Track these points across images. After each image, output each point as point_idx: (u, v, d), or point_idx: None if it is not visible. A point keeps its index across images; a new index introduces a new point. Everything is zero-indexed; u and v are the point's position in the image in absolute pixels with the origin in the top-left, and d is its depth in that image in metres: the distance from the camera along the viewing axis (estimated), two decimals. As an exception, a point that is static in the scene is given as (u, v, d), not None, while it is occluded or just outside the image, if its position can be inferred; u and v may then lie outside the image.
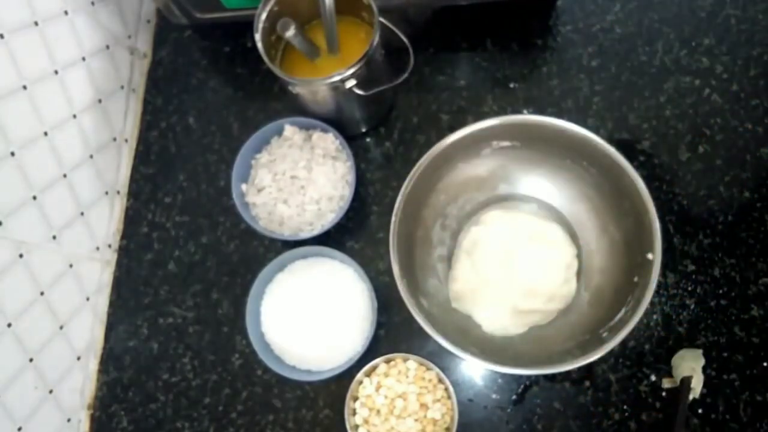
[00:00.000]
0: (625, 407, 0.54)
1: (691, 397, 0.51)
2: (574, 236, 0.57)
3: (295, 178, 0.58)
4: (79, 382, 0.61)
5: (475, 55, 0.65)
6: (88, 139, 0.62)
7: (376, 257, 0.61)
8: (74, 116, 0.59)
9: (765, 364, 0.53)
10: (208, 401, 0.60)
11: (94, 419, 0.61)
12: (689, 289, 0.56)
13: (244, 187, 0.60)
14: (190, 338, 0.62)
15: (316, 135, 0.60)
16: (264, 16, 0.53)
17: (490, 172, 0.58)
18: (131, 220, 0.66)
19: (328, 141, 0.60)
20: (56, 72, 0.57)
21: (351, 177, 0.58)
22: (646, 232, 0.49)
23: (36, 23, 0.54)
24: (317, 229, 0.58)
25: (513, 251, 0.55)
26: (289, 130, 0.61)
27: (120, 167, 0.67)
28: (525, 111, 0.62)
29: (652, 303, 0.53)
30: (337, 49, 0.56)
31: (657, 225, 0.48)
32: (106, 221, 0.65)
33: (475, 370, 0.57)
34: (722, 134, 0.59)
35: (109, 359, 0.62)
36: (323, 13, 0.53)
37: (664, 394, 0.54)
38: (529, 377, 0.56)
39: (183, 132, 0.68)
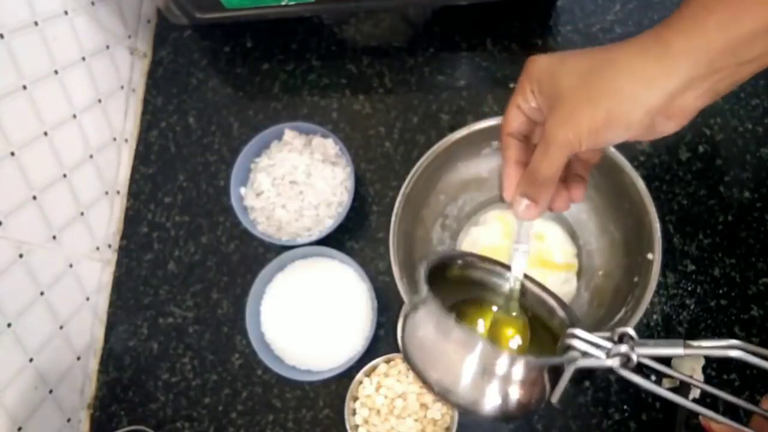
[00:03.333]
0: (625, 407, 0.54)
1: (691, 397, 0.51)
2: (574, 236, 0.57)
3: (294, 182, 0.58)
4: (79, 382, 0.61)
5: (475, 55, 0.65)
6: (88, 139, 0.62)
7: (376, 257, 0.61)
8: (74, 116, 0.59)
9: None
10: (208, 401, 0.60)
11: (94, 419, 0.61)
12: (689, 289, 0.56)
13: (242, 190, 0.60)
14: (190, 338, 0.62)
15: (316, 140, 0.60)
16: None
17: (490, 172, 0.58)
18: (131, 220, 0.66)
19: (328, 146, 0.60)
20: (56, 72, 0.57)
21: (350, 183, 0.58)
22: (646, 232, 0.49)
23: (36, 23, 0.54)
24: (315, 235, 0.58)
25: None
26: (289, 134, 0.61)
27: (120, 167, 0.67)
28: (525, 111, 0.62)
29: (652, 303, 0.53)
30: None
31: (657, 225, 0.48)
32: (106, 221, 0.65)
33: (475, 370, 0.57)
34: (722, 134, 0.59)
35: (109, 359, 0.62)
36: None
37: (664, 394, 0.54)
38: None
39: (183, 132, 0.68)
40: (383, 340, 0.58)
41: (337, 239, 0.61)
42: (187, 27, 0.71)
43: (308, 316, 0.55)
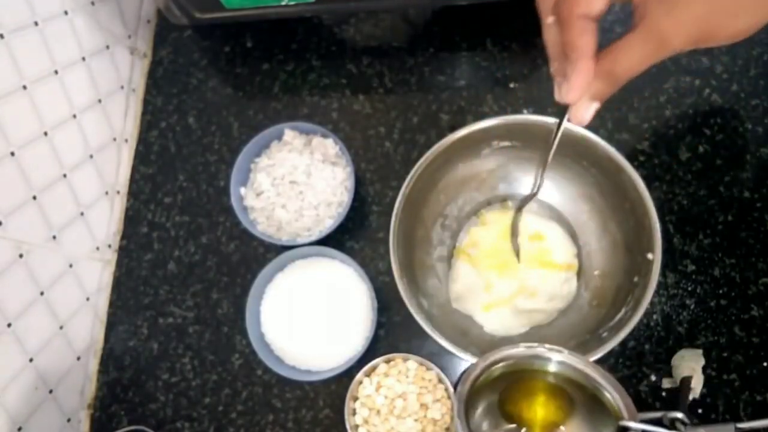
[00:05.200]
0: (625, 407, 0.54)
1: (691, 397, 0.51)
2: (574, 236, 0.57)
3: (294, 183, 0.58)
4: (79, 382, 0.61)
5: (475, 55, 0.65)
6: (88, 139, 0.62)
7: (376, 257, 0.61)
8: (74, 116, 0.59)
9: (765, 364, 0.53)
10: (208, 401, 0.60)
11: (94, 419, 0.61)
12: (689, 289, 0.56)
13: (242, 190, 0.60)
14: (190, 338, 0.62)
15: (316, 140, 0.60)
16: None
17: (490, 172, 0.58)
18: (131, 220, 0.66)
19: (328, 146, 0.60)
20: (56, 72, 0.57)
21: (350, 183, 0.58)
22: (646, 232, 0.49)
23: (36, 23, 0.54)
24: (315, 235, 0.58)
25: (513, 251, 0.55)
26: (289, 134, 0.61)
27: (120, 167, 0.67)
28: (525, 111, 0.62)
29: (652, 303, 0.53)
30: None
31: (657, 225, 0.48)
32: (106, 221, 0.65)
33: (475, 370, 0.57)
34: (722, 134, 0.59)
35: (109, 359, 0.62)
36: None
37: (664, 394, 0.54)
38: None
39: (183, 132, 0.68)
40: (383, 340, 0.58)
41: (337, 239, 0.61)
42: (187, 27, 0.71)
43: (308, 316, 0.55)
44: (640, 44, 0.30)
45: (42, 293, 0.55)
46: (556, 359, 0.41)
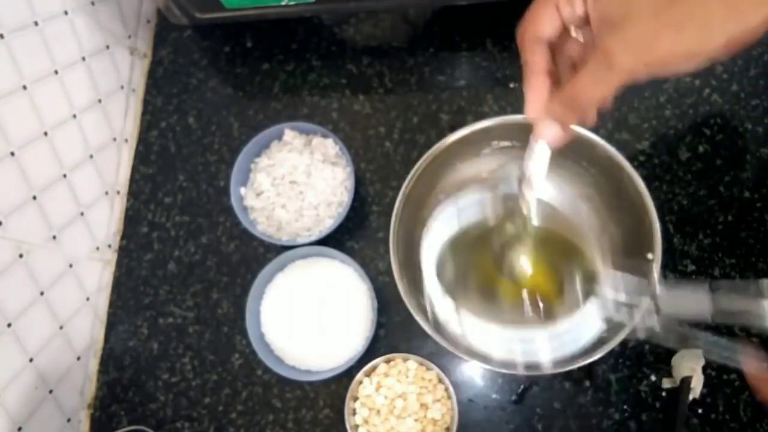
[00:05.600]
0: (625, 407, 0.54)
1: (691, 397, 0.51)
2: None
3: (294, 182, 0.58)
4: (79, 382, 0.61)
5: (475, 55, 0.65)
6: (88, 139, 0.62)
7: (376, 257, 0.61)
8: (74, 116, 0.59)
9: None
10: (208, 401, 0.60)
11: (94, 419, 0.61)
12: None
13: (242, 190, 0.60)
14: (190, 338, 0.62)
15: (316, 140, 0.60)
16: None
17: (490, 172, 0.58)
18: (131, 220, 0.66)
19: (328, 146, 0.60)
20: (56, 72, 0.57)
21: (350, 183, 0.58)
22: (646, 232, 0.49)
23: (36, 23, 0.54)
24: (315, 235, 0.58)
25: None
26: (289, 134, 0.61)
27: (120, 167, 0.67)
28: (525, 111, 0.62)
29: (652, 303, 0.53)
30: None
31: (657, 225, 0.48)
32: (106, 221, 0.65)
33: (475, 370, 0.57)
34: (722, 134, 0.59)
35: (109, 359, 0.62)
36: None
37: (664, 394, 0.54)
38: (529, 377, 0.56)
39: (183, 132, 0.68)
40: (383, 340, 0.58)
41: (337, 239, 0.61)
42: (187, 27, 0.71)
43: (308, 316, 0.55)
44: (592, 66, 0.30)
45: (42, 293, 0.55)
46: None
